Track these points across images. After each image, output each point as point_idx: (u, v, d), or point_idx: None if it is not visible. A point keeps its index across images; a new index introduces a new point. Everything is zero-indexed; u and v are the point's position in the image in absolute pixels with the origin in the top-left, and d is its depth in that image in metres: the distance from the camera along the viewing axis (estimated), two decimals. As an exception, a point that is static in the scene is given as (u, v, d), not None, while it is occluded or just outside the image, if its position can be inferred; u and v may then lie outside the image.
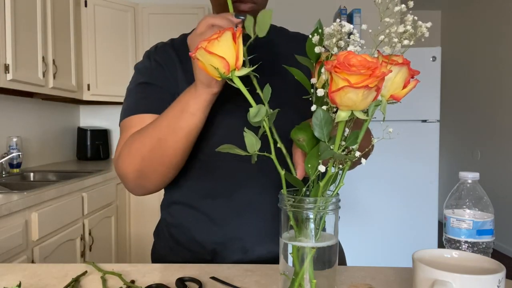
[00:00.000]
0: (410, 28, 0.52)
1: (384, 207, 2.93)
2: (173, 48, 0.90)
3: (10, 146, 2.41)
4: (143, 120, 0.81)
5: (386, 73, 0.49)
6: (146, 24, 3.20)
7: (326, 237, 0.57)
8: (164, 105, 0.82)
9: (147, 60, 0.90)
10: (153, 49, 0.92)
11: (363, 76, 0.47)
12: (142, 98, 0.85)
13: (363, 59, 0.48)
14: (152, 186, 0.81)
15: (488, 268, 0.55)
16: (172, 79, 0.86)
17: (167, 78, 0.86)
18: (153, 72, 0.87)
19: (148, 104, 0.83)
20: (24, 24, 2.18)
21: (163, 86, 0.85)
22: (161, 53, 0.89)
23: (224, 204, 0.84)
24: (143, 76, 0.87)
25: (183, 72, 0.86)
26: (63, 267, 0.78)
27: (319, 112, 0.53)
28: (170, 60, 0.88)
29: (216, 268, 0.77)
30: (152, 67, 0.88)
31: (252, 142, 0.57)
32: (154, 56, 0.89)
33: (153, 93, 0.84)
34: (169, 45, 0.91)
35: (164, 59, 0.88)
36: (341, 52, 0.51)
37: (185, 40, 0.91)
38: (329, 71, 0.49)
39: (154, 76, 0.87)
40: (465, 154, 4.67)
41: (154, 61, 0.88)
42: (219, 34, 0.55)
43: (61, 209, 1.97)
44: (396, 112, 2.73)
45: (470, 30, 4.62)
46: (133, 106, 0.85)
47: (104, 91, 3.05)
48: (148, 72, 0.87)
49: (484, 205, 0.67)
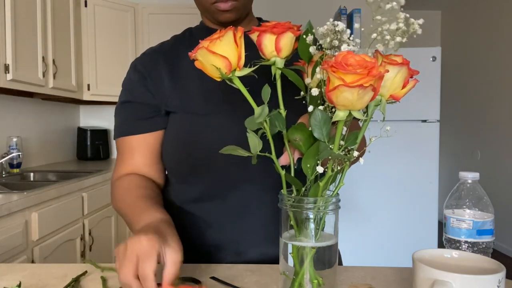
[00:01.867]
0: (402, 25, 0.52)
1: (384, 207, 2.93)
2: (162, 54, 0.89)
3: (10, 146, 2.41)
4: (129, 142, 0.88)
5: (382, 73, 0.49)
6: (146, 24, 3.20)
7: (326, 237, 0.57)
8: (147, 122, 0.87)
9: (132, 72, 0.90)
10: (139, 58, 0.92)
11: (359, 75, 0.47)
12: (125, 119, 0.89)
13: (361, 59, 0.49)
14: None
15: (488, 268, 0.55)
16: (155, 90, 0.86)
17: (149, 90, 0.86)
18: (135, 87, 0.88)
19: (129, 126, 0.88)
20: (24, 24, 2.18)
21: (143, 102, 0.87)
22: (147, 63, 0.89)
23: (218, 207, 0.84)
24: (125, 94, 0.90)
25: (171, 79, 0.86)
26: (63, 267, 0.78)
27: (317, 112, 0.53)
28: (156, 69, 0.87)
29: (216, 268, 0.77)
30: (134, 81, 0.88)
31: (255, 143, 0.57)
32: (139, 66, 0.89)
33: (134, 113, 0.88)
34: (157, 51, 0.90)
35: (149, 69, 0.87)
36: (341, 52, 0.51)
37: (175, 43, 0.92)
38: (326, 70, 0.49)
39: (135, 91, 0.88)
40: (465, 154, 4.67)
41: (138, 72, 0.88)
42: (220, 33, 0.55)
43: (61, 209, 1.97)
44: (396, 112, 2.73)
45: (470, 30, 4.62)
46: (119, 127, 0.90)
47: (104, 91, 3.05)
48: (130, 88, 0.89)
49: (484, 205, 0.67)
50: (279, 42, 0.58)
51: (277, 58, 0.59)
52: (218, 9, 0.81)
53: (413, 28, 0.52)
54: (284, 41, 0.58)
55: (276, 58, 0.59)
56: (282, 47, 0.58)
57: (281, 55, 0.59)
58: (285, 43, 0.58)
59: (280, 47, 0.58)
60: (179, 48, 0.89)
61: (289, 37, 0.58)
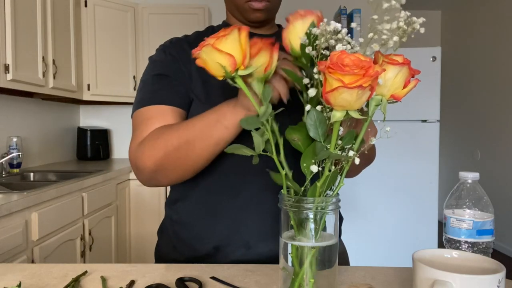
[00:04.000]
0: (403, 24, 0.52)
1: (384, 207, 2.93)
2: (188, 44, 0.90)
3: (10, 146, 2.41)
4: (161, 110, 0.81)
5: (379, 72, 0.48)
6: (146, 24, 3.20)
7: (326, 237, 0.57)
8: (180, 98, 0.83)
9: (162, 53, 0.89)
10: (168, 43, 0.92)
11: (357, 76, 0.47)
12: (159, 89, 0.84)
13: (356, 59, 0.48)
14: (167, 181, 0.80)
15: (488, 268, 0.55)
16: (187, 73, 0.86)
17: (183, 72, 0.86)
18: (169, 65, 0.87)
19: (164, 95, 0.83)
20: (24, 24, 2.18)
21: (178, 79, 0.85)
22: (177, 48, 0.89)
23: (230, 200, 0.84)
24: (158, 68, 0.87)
25: (197, 68, 0.86)
26: (63, 267, 0.78)
27: (312, 112, 0.53)
28: (186, 54, 0.87)
29: (216, 268, 0.77)
30: (167, 60, 0.87)
31: (259, 142, 0.57)
32: (170, 50, 0.89)
33: (169, 85, 0.84)
34: (184, 40, 0.91)
35: (180, 53, 0.88)
36: (334, 52, 0.51)
37: (199, 37, 0.92)
38: (323, 72, 0.49)
39: (170, 68, 0.86)
40: (465, 154, 4.67)
41: (169, 54, 0.88)
42: (226, 31, 0.55)
43: (61, 209, 1.97)
44: (396, 112, 2.73)
45: (470, 30, 4.62)
46: (150, 96, 0.84)
47: (104, 91, 3.05)
48: (164, 65, 0.87)
49: (484, 205, 0.67)
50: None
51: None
52: (252, 8, 0.83)
53: (413, 27, 0.52)
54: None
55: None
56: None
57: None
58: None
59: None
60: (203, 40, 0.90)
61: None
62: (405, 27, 0.52)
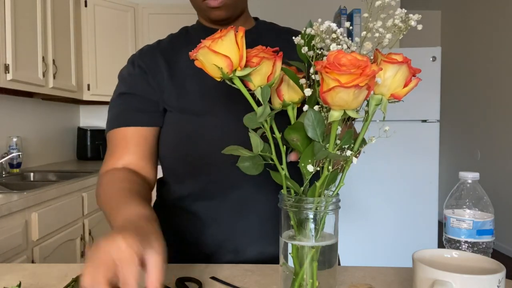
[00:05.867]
0: (398, 22, 0.52)
1: (384, 207, 2.93)
2: (160, 51, 0.88)
3: (10, 146, 2.41)
4: (124, 134, 0.84)
5: (376, 71, 0.48)
6: (146, 24, 3.20)
7: (326, 237, 0.57)
8: (149, 115, 0.84)
9: (130, 66, 0.88)
10: (137, 53, 0.90)
11: (353, 75, 0.47)
12: (122, 110, 0.86)
13: (353, 58, 0.48)
14: None
15: (488, 268, 0.54)
16: (156, 85, 0.85)
17: (150, 85, 0.85)
18: (135, 80, 0.86)
19: (127, 117, 0.85)
20: (24, 24, 2.18)
21: (144, 95, 0.85)
22: (146, 57, 0.88)
23: (216, 206, 0.84)
24: (124, 86, 0.87)
25: (169, 76, 0.85)
26: (63, 267, 0.78)
27: (310, 112, 0.53)
28: (155, 65, 0.86)
29: (216, 268, 0.77)
30: (134, 74, 0.87)
31: (257, 143, 0.57)
32: (138, 61, 0.88)
33: (133, 104, 0.85)
34: (155, 48, 0.89)
35: (149, 64, 0.87)
36: (331, 51, 0.50)
37: (172, 41, 0.91)
38: (320, 72, 0.49)
39: (136, 84, 0.86)
40: (465, 154, 4.67)
41: (138, 67, 0.87)
42: (222, 33, 0.55)
43: (61, 209, 1.97)
44: (396, 112, 2.73)
45: (470, 30, 4.62)
46: (114, 119, 0.86)
47: (104, 91, 3.05)
48: (131, 81, 0.87)
49: (484, 205, 0.67)
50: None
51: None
52: (209, 6, 0.81)
53: (409, 24, 0.52)
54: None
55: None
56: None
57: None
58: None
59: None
60: (176, 46, 0.89)
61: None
62: (400, 25, 0.52)
